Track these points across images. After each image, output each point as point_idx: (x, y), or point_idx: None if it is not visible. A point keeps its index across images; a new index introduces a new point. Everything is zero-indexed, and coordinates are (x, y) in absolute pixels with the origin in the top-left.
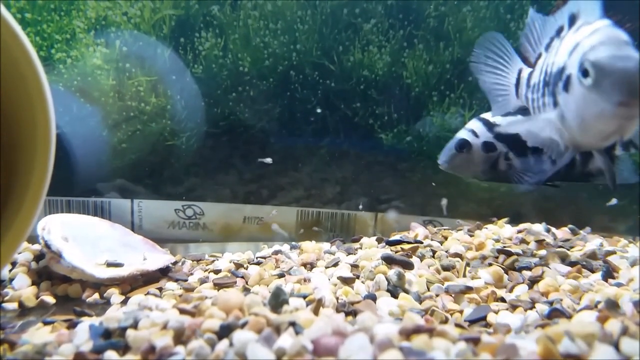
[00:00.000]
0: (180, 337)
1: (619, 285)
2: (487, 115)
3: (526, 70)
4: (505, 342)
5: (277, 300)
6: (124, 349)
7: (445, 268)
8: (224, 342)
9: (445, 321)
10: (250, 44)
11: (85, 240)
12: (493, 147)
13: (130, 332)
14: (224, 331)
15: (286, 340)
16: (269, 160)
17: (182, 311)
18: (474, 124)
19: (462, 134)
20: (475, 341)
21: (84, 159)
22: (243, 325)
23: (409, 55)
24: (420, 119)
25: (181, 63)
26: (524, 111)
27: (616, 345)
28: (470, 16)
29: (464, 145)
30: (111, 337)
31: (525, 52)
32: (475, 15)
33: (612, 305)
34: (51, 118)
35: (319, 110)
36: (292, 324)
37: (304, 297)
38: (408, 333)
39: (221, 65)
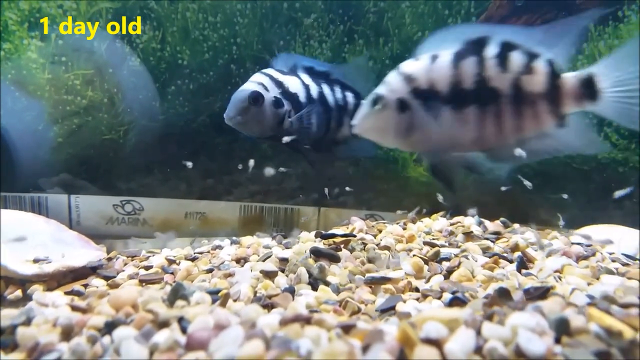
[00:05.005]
0: (70, 334)
1: (528, 275)
2: (270, 70)
3: None
4: (376, 328)
5: (176, 296)
6: (12, 347)
7: (370, 260)
8: (106, 339)
9: (357, 311)
10: (189, 36)
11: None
12: (281, 103)
13: (20, 330)
14: (109, 328)
15: (162, 335)
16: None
17: (74, 308)
18: (262, 78)
19: (253, 86)
20: (349, 328)
21: (20, 154)
22: (130, 322)
23: (350, 51)
24: None
25: (118, 56)
26: (309, 69)
27: (478, 330)
28: (409, 12)
29: (257, 98)
30: (2, 335)
31: None
32: (413, 12)
33: (503, 293)
34: None
35: None
36: (180, 319)
37: (217, 292)
38: (287, 322)
39: (159, 58)
